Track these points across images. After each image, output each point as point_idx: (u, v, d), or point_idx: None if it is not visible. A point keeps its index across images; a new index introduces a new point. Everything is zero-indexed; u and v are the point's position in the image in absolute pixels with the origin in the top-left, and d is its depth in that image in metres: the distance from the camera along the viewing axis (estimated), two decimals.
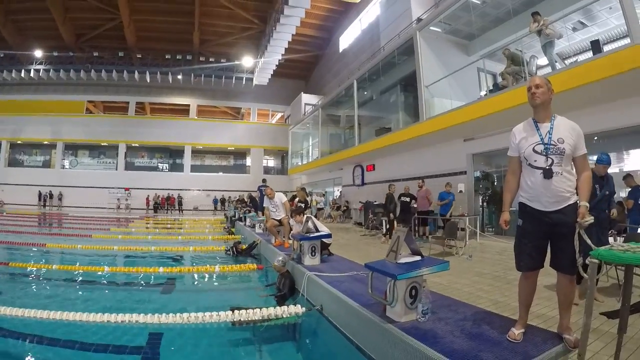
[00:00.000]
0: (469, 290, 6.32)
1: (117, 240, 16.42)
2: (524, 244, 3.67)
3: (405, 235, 4.52)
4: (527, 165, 3.63)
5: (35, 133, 39.52)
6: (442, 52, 16.27)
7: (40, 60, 37.79)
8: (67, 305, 6.57)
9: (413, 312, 4.18)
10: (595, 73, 8.71)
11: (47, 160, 41.30)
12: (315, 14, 34.37)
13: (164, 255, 13.39)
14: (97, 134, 40.09)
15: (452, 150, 15.81)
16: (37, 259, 12.57)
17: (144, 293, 9.03)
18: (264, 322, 5.88)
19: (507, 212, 3.83)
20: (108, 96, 41.81)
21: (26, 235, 16.88)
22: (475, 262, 9.16)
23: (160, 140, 41.29)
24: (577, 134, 3.52)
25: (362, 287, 5.53)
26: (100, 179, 39.87)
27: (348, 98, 24.27)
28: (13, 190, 38.37)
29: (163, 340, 5.64)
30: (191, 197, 41.16)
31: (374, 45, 26.45)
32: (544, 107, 3.65)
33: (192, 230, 22.40)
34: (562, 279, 3.61)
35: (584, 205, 3.38)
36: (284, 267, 7.82)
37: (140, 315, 5.92)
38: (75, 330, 5.77)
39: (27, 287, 9.27)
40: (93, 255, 13.17)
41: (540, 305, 5.09)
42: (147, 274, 10.29)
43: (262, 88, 41.66)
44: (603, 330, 4.23)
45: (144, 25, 38.11)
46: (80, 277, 9.99)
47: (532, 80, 3.72)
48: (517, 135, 3.77)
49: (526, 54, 12.26)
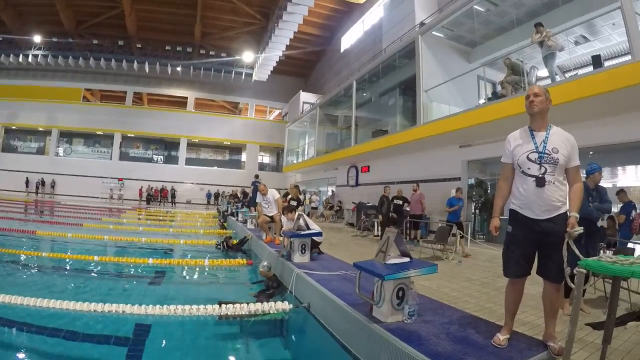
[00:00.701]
0: (456, 295, 6.33)
1: (108, 230, 16.38)
2: (512, 251, 3.69)
3: (395, 236, 4.53)
4: (520, 173, 3.65)
5: (31, 119, 39.22)
6: (443, 58, 16.28)
7: (39, 46, 37.53)
8: (55, 294, 6.56)
9: (399, 313, 4.18)
10: (594, 87, 8.72)
11: (41, 147, 40.91)
12: (319, 13, 34.35)
13: (154, 247, 13.37)
14: (93, 122, 39.84)
15: (447, 155, 15.83)
16: (27, 246, 12.53)
17: (132, 284, 9.02)
18: (251, 317, 5.87)
19: (497, 218, 3.85)
20: (106, 85, 41.56)
21: (16, 222, 16.81)
22: (465, 268, 9.18)
23: (156, 132, 41.13)
24: (571, 145, 3.55)
25: (351, 286, 5.54)
26: (94, 168, 39.64)
27: (347, 98, 24.23)
28: (5, 176, 38.02)
29: (150, 332, 5.64)
30: (185, 190, 41.02)
31: (376, 47, 26.46)
32: (540, 116, 3.67)
33: (184, 223, 22.35)
34: (549, 287, 3.63)
35: (574, 216, 3.41)
36: (270, 271, 7.82)
37: (127, 306, 5.90)
38: (62, 319, 5.76)
39: (16, 273, 9.23)
40: (83, 244, 13.14)
41: (526, 313, 5.10)
42: (137, 265, 10.27)
43: (261, 84, 41.66)
44: (588, 340, 4.25)
45: (145, 15, 37.92)
46: (69, 265, 9.99)
47: (531, 89, 3.75)
48: (512, 142, 3.80)
49: (527, 65, 12.31)
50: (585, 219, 4.47)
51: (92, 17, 38.22)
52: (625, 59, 8.98)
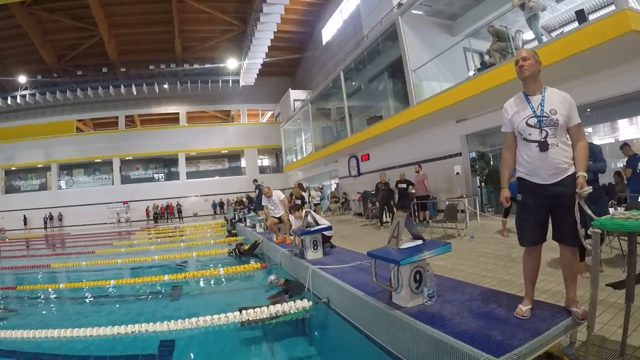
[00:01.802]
0: (473, 271, 6.32)
1: (120, 254, 16.48)
2: (525, 219, 3.65)
3: (405, 220, 4.50)
4: (522, 140, 3.60)
5: (28, 157, 39.45)
6: (426, 35, 16.16)
7: (25, 86, 37.78)
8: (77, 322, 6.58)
9: (419, 297, 4.16)
10: (582, 43, 8.63)
11: (43, 183, 41.29)
12: (295, 9, 34.23)
13: (168, 264, 13.39)
14: (89, 151, 40.06)
15: (445, 132, 15.78)
16: (44, 280, 12.58)
17: (152, 302, 9.04)
18: (273, 320, 5.89)
19: (506, 189, 3.83)
20: (97, 113, 41.69)
21: (31, 258, 16.88)
22: (478, 242, 9.18)
23: (153, 151, 41.26)
24: (569, 104, 3.49)
25: (367, 276, 5.52)
26: (98, 195, 39.86)
27: (336, 90, 24.15)
28: (13, 216, 38.40)
29: (175, 347, 5.65)
30: (190, 203, 41.14)
31: (357, 35, 26.39)
32: (533, 79, 3.62)
33: (193, 236, 22.41)
34: (565, 251, 3.59)
35: (582, 175, 3.35)
36: (280, 279, 7.84)
37: (149, 325, 5.92)
38: (88, 346, 5.79)
39: (36, 308, 9.27)
40: (98, 271, 13.19)
41: (545, 281, 5.08)
42: (153, 283, 10.31)
43: (250, 88, 41.64)
44: (610, 301, 4.23)
45: (124, 39, 38.02)
46: (87, 293, 10.01)
47: (518, 54, 3.69)
48: (508, 110, 3.75)
49: (511, 30, 12.20)
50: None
51: (71, 50, 38.31)
52: (609, 9, 8.90)
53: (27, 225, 38.43)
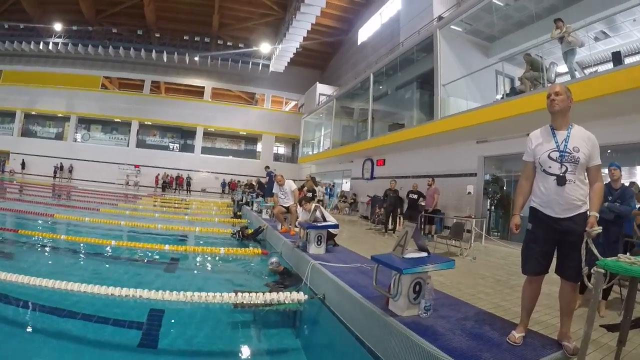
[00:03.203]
0: (470, 291, 6.33)
1: (124, 216, 16.61)
2: (532, 248, 3.69)
3: (414, 231, 4.54)
4: (541, 171, 3.65)
5: (50, 105, 39.78)
6: (462, 52, 16.16)
7: (59, 34, 38.07)
8: (71, 276, 6.62)
9: (415, 308, 4.21)
10: (614, 85, 8.61)
11: (59, 133, 41.59)
12: (336, 5, 34.14)
13: (169, 234, 13.49)
14: (110, 109, 40.36)
15: (463, 151, 15.73)
16: (45, 228, 12.70)
17: (147, 269, 9.11)
18: (266, 307, 5.92)
19: (517, 216, 3.85)
20: (124, 73, 41.96)
21: (35, 205, 17.03)
22: (479, 264, 9.17)
23: (173, 120, 41.43)
24: (592, 144, 3.54)
25: (366, 279, 5.57)
26: (111, 154, 40.20)
27: (363, 91, 24.20)
28: (25, 160, 38.81)
29: (164, 317, 5.71)
30: (200, 178, 41.35)
31: (393, 40, 26.28)
32: (562, 114, 3.67)
33: (199, 211, 22.50)
34: (566, 286, 3.64)
35: (594, 215, 3.40)
36: (280, 266, 7.87)
37: (143, 291, 5.94)
38: (78, 301, 5.85)
39: (34, 255, 9.41)
40: (100, 229, 13.30)
41: (541, 312, 5.09)
42: (152, 250, 10.38)
43: (278, 75, 41.71)
44: (602, 342, 4.23)
45: (164, 4, 38.11)
46: (86, 249, 10.09)
47: (552, 88, 3.73)
48: (533, 140, 3.79)
49: (546, 60, 12.16)
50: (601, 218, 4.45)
51: (111, 7, 38.54)
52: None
53: (24, 170, 38.80)
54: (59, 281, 6.05)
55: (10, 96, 39.14)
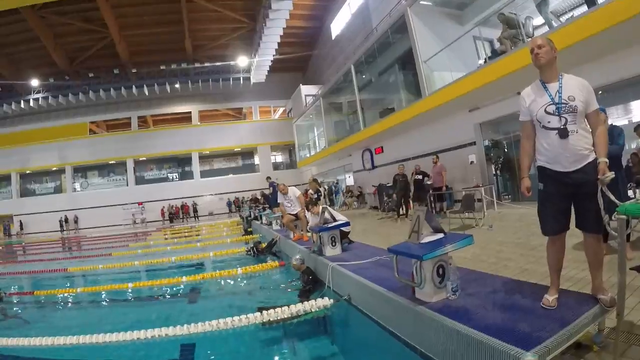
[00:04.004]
0: (494, 261, 6.26)
1: (137, 255, 16.55)
2: (548, 208, 3.60)
3: (425, 214, 4.46)
4: (541, 128, 3.55)
5: (43, 160, 39.88)
6: (436, 25, 16.06)
7: (37, 89, 38.12)
8: (95, 327, 6.56)
9: (443, 291, 4.11)
10: (592, 27, 8.57)
11: (58, 186, 41.73)
12: (303, 4, 34.10)
13: (185, 264, 13.43)
14: (103, 153, 40.38)
15: (458, 122, 15.67)
16: (61, 284, 12.63)
17: (170, 305, 9.06)
18: (294, 319, 5.86)
19: (527, 178, 3.75)
20: (109, 114, 42.03)
21: (47, 262, 16.97)
22: (497, 231, 9.11)
23: (167, 151, 41.44)
24: (587, 90, 3.44)
25: (388, 271, 5.48)
26: (113, 196, 40.14)
27: (347, 84, 24.16)
28: (29, 219, 38.85)
29: (196, 350, 5.65)
30: (205, 202, 41.26)
31: (367, 28, 26.23)
32: (549, 66, 3.57)
33: (210, 235, 22.47)
34: (590, 239, 3.53)
35: (603, 161, 3.30)
36: (303, 264, 7.80)
37: (169, 328, 5.89)
38: (107, 352, 5.79)
39: (54, 313, 9.32)
40: (115, 273, 13.26)
41: (569, 268, 5.00)
42: (171, 285, 10.32)
43: (261, 85, 41.59)
44: (635, 285, 4.15)
45: (134, 39, 38.10)
46: (105, 296, 10.04)
47: (533, 41, 3.63)
48: (526, 98, 3.69)
49: (521, 16, 12.07)
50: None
51: (83, 52, 38.57)
52: None
53: (22, 230, 38.87)
54: (82, 336, 5.99)
55: (2, 159, 39.29)
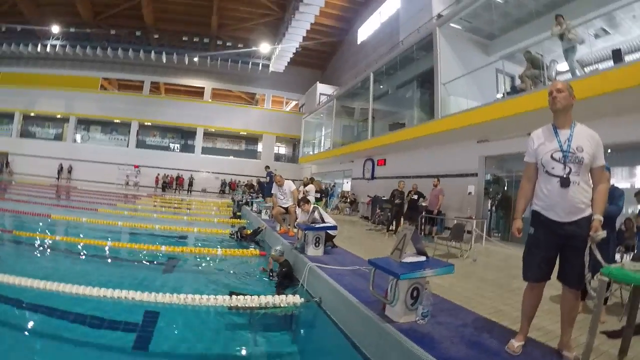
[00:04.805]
0: (470, 295, 6.21)
1: (122, 216, 16.50)
2: (534, 254, 3.57)
3: (412, 233, 4.43)
4: (544, 172, 3.52)
5: (49, 106, 39.75)
6: (461, 50, 16.04)
7: (57, 36, 37.94)
8: (66, 277, 6.55)
9: (413, 314, 4.09)
10: (615, 83, 8.51)
11: (59, 134, 41.56)
12: (335, 4, 34.07)
13: (168, 235, 13.39)
14: (110, 110, 40.31)
15: (464, 150, 15.62)
16: (42, 228, 12.62)
17: (145, 270, 9.05)
18: (261, 310, 5.83)
19: (519, 220, 3.72)
20: (123, 74, 41.91)
21: (33, 205, 16.93)
22: (480, 266, 9.06)
23: (173, 121, 41.39)
24: (596, 143, 3.41)
25: (363, 282, 5.46)
26: (111, 154, 40.09)
27: (364, 90, 24.10)
28: (23, 161, 38.73)
29: (159, 319, 5.63)
30: (200, 178, 41.24)
31: (393, 39, 26.15)
32: (564, 112, 3.53)
33: (198, 211, 22.42)
34: (568, 293, 3.51)
35: (598, 219, 3.27)
36: (282, 256, 7.77)
37: (137, 293, 5.91)
38: (73, 302, 5.78)
39: (29, 256, 9.32)
40: (97, 230, 13.22)
41: (541, 318, 4.93)
42: (150, 251, 10.31)
43: (278, 75, 41.58)
44: (602, 349, 4.09)
45: (162, 6, 37.98)
46: (82, 249, 10.01)
47: (553, 85, 3.60)
48: (535, 140, 3.66)
49: (546, 58, 12.04)
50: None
51: (109, 8, 38.45)
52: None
53: (8, 168, 38.76)
54: (52, 282, 6.02)
55: (9, 98, 39.06)
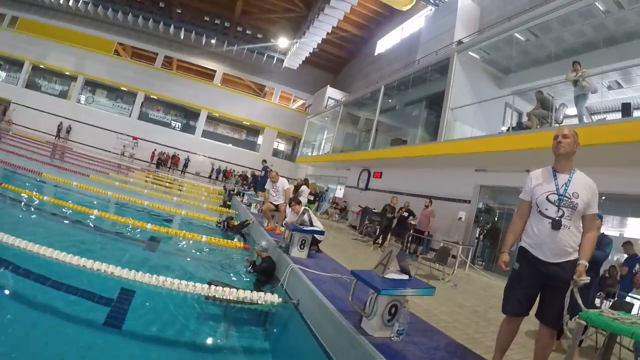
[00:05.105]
0: (446, 319, 6.25)
1: (113, 186, 16.42)
2: (516, 289, 3.64)
3: (399, 251, 4.46)
4: (537, 212, 3.59)
5: (59, 61, 39.18)
6: (475, 79, 16.13)
7: None
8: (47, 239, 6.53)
9: (388, 330, 4.12)
10: (620, 135, 8.59)
11: (64, 91, 40.98)
12: (360, 12, 33.99)
13: (155, 213, 13.38)
14: (119, 77, 39.92)
15: (461, 176, 15.68)
16: (31, 186, 12.55)
17: (126, 246, 9.03)
18: (238, 304, 5.83)
19: (506, 254, 3.78)
20: (139, 43, 41.45)
21: (26, 160, 16.82)
22: (459, 292, 9.09)
23: (179, 99, 41.15)
24: (592, 192, 3.50)
25: (343, 291, 5.48)
26: (112, 122, 39.70)
27: (372, 102, 24.14)
28: (25, 112, 38.21)
29: (134, 298, 5.62)
30: (196, 161, 41.03)
31: (410, 57, 26.26)
32: (566, 157, 3.62)
33: (188, 194, 22.34)
34: (544, 331, 3.57)
35: (583, 264, 3.35)
36: (265, 252, 7.78)
37: (117, 269, 5.89)
38: (49, 267, 5.75)
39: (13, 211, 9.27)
40: (85, 196, 13.19)
41: (514, 351, 4.98)
42: (135, 227, 10.28)
43: (290, 71, 41.48)
44: None
45: None
46: (66, 213, 9.98)
47: (560, 129, 3.68)
48: (533, 179, 3.74)
49: (556, 101, 12.14)
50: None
51: None
52: None
53: (5, 117, 38.04)
54: (32, 244, 5.98)
55: (22, 45, 38.56)
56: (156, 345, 4.95)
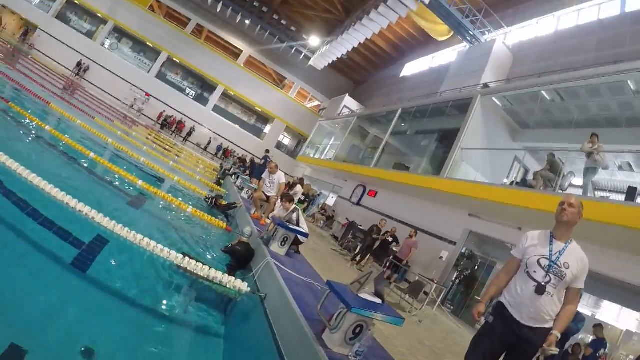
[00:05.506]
0: (404, 351, 6.22)
1: (114, 135, 16.37)
2: (484, 342, 3.59)
3: (378, 275, 4.43)
4: (524, 272, 3.56)
5: (95, 1, 38.93)
6: (492, 125, 16.17)
7: None
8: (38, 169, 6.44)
9: (347, 348, 4.06)
10: (620, 218, 8.59)
11: (92, 31, 40.85)
12: (396, 32, 34.05)
13: (148, 172, 13.33)
14: (148, 32, 39.85)
15: (453, 217, 15.63)
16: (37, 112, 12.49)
17: (113, 195, 8.99)
18: (206, 282, 5.77)
19: (483, 305, 3.74)
20: (176, 4, 41.37)
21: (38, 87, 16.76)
22: (423, 329, 9.06)
23: (200, 69, 41.14)
24: (583, 267, 3.48)
25: (312, 298, 5.43)
26: (130, 73, 39.65)
27: (386, 121, 24.13)
28: (49, 41, 37.97)
29: (106, 247, 5.58)
30: (200, 132, 41.03)
31: (434, 87, 26.29)
32: (567, 226, 3.60)
33: (185, 162, 22.29)
34: None
35: (556, 335, 3.33)
36: (247, 239, 7.73)
37: (98, 215, 5.82)
38: (33, 195, 5.70)
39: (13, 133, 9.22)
40: (86, 137, 13.15)
41: None
42: (126, 180, 10.24)
43: (314, 71, 41.46)
44: None
45: None
46: (63, 148, 9.93)
47: (567, 197, 3.67)
48: (529, 239, 3.71)
49: (566, 167, 12.16)
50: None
51: None
52: None
53: (30, 40, 37.94)
54: (23, 168, 5.93)
55: None
56: (114, 298, 4.89)
